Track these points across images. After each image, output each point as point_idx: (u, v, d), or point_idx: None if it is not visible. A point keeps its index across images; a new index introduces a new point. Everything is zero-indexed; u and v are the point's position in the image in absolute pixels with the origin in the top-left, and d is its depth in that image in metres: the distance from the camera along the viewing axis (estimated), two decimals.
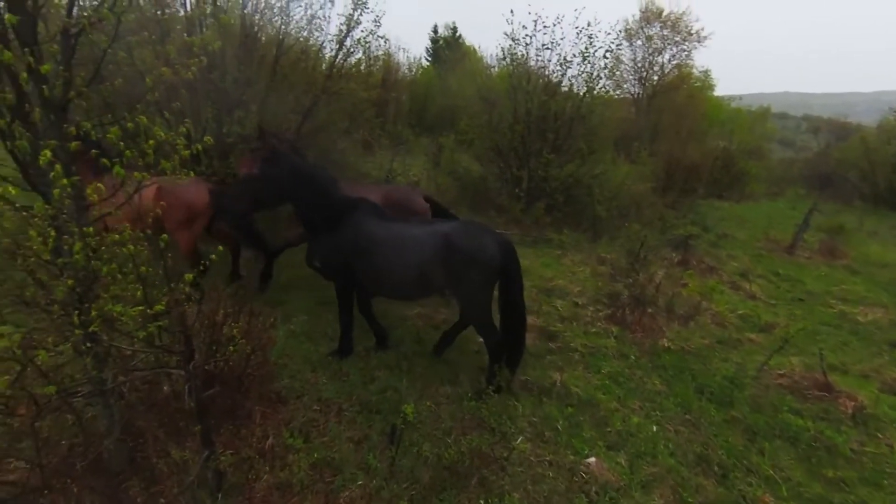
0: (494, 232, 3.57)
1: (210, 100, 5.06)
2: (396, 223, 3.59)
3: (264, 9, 5.73)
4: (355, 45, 6.34)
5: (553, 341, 4.53)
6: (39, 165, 1.55)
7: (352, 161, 7.88)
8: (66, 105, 1.91)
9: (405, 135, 12.15)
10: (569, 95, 8.44)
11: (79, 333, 1.77)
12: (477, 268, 3.33)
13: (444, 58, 21.96)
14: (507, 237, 3.66)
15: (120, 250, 1.75)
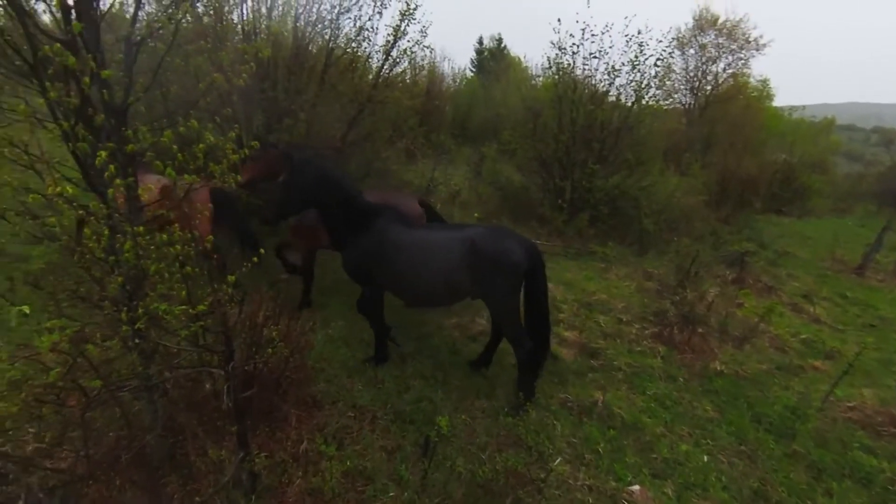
0: (519, 236, 3.52)
1: (261, 108, 5.25)
2: (421, 229, 3.58)
3: (315, 21, 5.91)
4: (401, 56, 6.42)
5: (595, 358, 4.34)
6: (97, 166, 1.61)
7: (394, 170, 7.96)
8: (126, 109, 2.00)
9: (448, 144, 12.21)
10: (616, 105, 8.22)
11: (126, 330, 1.82)
12: (503, 272, 3.29)
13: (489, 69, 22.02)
14: (533, 241, 3.60)
15: (168, 250, 1.79)
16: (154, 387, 2.35)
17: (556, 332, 4.71)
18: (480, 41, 27.01)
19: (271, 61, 5.36)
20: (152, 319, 1.87)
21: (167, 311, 1.79)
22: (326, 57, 5.89)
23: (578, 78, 8.12)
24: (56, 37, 1.79)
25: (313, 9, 5.81)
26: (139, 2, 2.06)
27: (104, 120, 1.83)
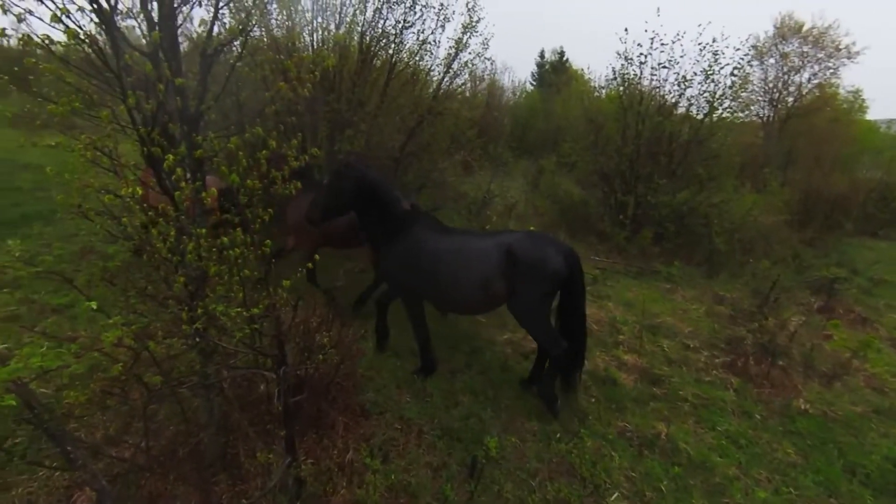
0: (559, 241, 3.45)
1: (326, 119, 5.43)
2: (458, 235, 3.55)
3: (380, 36, 6.07)
4: (462, 68, 6.45)
5: (658, 386, 4.03)
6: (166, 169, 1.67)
7: (451, 181, 7.97)
8: (198, 117, 2.08)
9: (505, 157, 12.11)
10: (686, 117, 7.77)
11: (187, 329, 1.88)
12: (539, 279, 3.24)
13: (549, 81, 21.79)
14: (572, 248, 3.47)
15: (228, 253, 1.83)
16: (211, 385, 2.41)
17: (615, 355, 4.44)
18: (542, 54, 26.91)
19: (337, 75, 5.55)
20: (211, 319, 1.92)
21: (224, 313, 1.83)
22: (389, 70, 6.02)
23: (645, 89, 7.78)
24: (139, 49, 1.91)
25: (378, 24, 5.97)
26: (215, 15, 2.15)
27: (178, 126, 1.91)
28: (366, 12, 5.75)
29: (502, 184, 9.51)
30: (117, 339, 1.60)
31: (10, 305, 3.50)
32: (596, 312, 5.32)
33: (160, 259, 1.86)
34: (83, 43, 1.61)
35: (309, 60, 2.19)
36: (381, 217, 3.57)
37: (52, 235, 4.49)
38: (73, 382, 2.02)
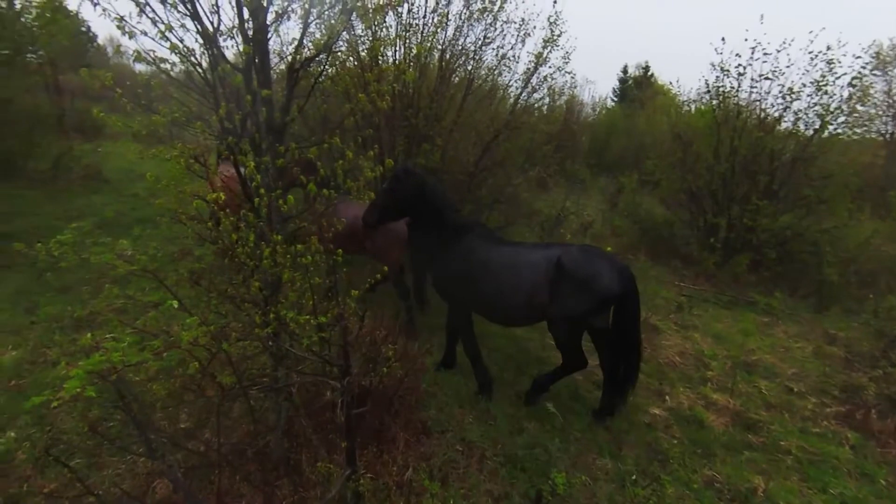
0: (612, 257, 3.32)
1: (403, 134, 5.55)
2: (510, 246, 3.52)
3: (460, 54, 6.14)
4: (541, 82, 6.32)
5: (754, 433, 3.56)
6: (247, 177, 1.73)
7: (525, 197, 7.81)
8: (283, 128, 2.17)
9: (582, 174, 11.72)
10: (792, 133, 7.01)
11: (259, 332, 1.92)
12: (588, 294, 3.12)
13: (633, 97, 20.94)
14: (628, 266, 3.28)
15: (301, 260, 1.85)
16: (280, 389, 2.46)
17: (702, 393, 4.00)
18: (625, 70, 25.99)
19: (416, 91, 5.66)
20: (282, 325, 1.95)
21: (294, 319, 1.85)
22: (467, 86, 6.05)
23: (743, 102, 7.15)
24: (234, 65, 2.03)
25: (459, 42, 6.04)
26: (304, 32, 2.24)
27: (263, 136, 1.99)
28: (447, 30, 5.84)
29: (578, 201, 9.17)
30: (194, 338, 1.67)
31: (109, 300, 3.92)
32: (680, 343, 4.87)
33: (239, 263, 1.93)
34: (185, 58, 1.74)
35: (389, 71, 2.20)
36: (436, 224, 3.58)
37: (155, 238, 4.97)
38: (157, 376, 2.15)
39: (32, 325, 3.84)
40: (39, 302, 4.26)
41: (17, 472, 2.54)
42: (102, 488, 2.38)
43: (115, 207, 7.06)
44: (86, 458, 2.59)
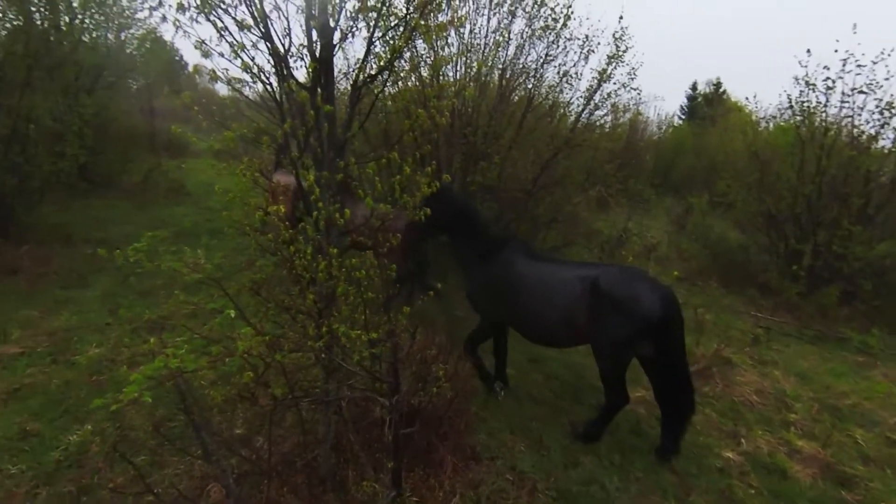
0: (654, 280, 3.14)
1: (461, 151, 5.56)
2: (547, 262, 3.45)
3: (520, 72, 6.11)
4: (604, 100, 6.13)
5: (848, 489, 3.12)
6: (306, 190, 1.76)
7: (584, 217, 7.56)
8: (344, 143, 2.20)
9: (646, 194, 11.23)
10: (891, 151, 6.31)
11: (312, 344, 1.93)
12: (624, 318, 2.94)
13: (702, 114, 19.95)
14: (671, 289, 3.07)
15: (355, 274, 1.85)
16: (330, 402, 2.46)
17: (785, 439, 3.59)
18: (694, 87, 24.92)
19: (475, 110, 5.68)
20: (334, 338, 1.95)
21: (345, 333, 1.85)
22: (527, 104, 5.99)
23: (832, 118, 6.54)
24: (301, 83, 2.10)
25: (519, 60, 6.01)
26: (368, 50, 2.29)
27: (325, 151, 2.03)
28: (508, 48, 5.84)
29: (641, 222, 8.77)
30: (248, 347, 1.70)
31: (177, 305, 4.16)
32: (757, 380, 4.43)
33: (296, 275, 1.96)
34: (255, 76, 1.82)
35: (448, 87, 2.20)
36: (470, 238, 3.57)
37: (223, 248, 5.27)
38: (217, 381, 2.22)
39: (108, 326, 4.15)
40: (122, 304, 4.62)
41: (90, 463, 2.71)
42: (162, 487, 2.47)
43: (193, 218, 7.59)
44: (149, 455, 2.72)
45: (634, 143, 12.47)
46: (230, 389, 2.01)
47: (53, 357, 3.73)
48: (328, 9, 1.86)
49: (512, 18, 5.67)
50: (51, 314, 4.36)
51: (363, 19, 1.97)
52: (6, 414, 3.08)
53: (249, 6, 2.06)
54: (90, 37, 7.32)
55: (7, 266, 5.12)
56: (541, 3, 5.67)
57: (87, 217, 7.00)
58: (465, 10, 5.46)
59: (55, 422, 3.04)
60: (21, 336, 3.95)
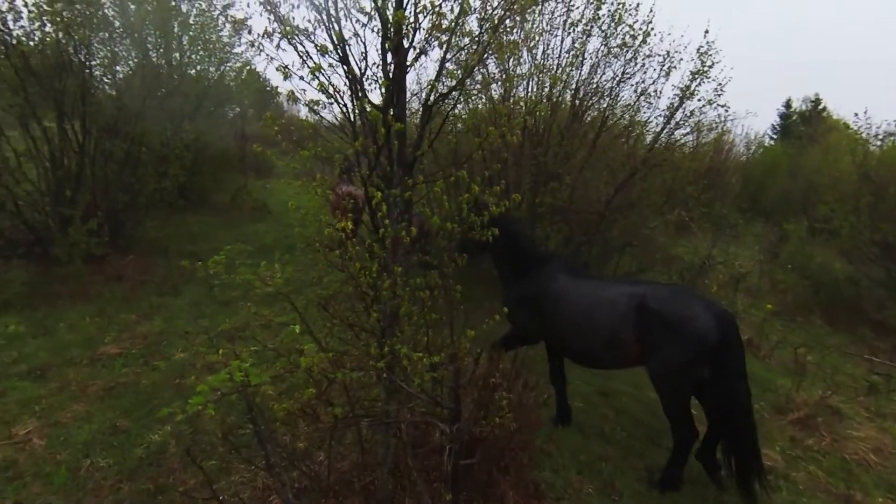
0: (708, 300, 2.93)
1: (530, 172, 5.45)
2: (589, 280, 3.35)
3: (594, 92, 5.92)
4: (686, 118, 5.76)
5: None
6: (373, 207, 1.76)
7: (662, 241, 7.08)
8: (413, 162, 2.20)
9: (732, 218, 10.37)
10: None
11: (374, 364, 1.90)
12: (679, 341, 2.73)
13: (798, 133, 18.29)
14: (728, 310, 2.86)
15: (419, 294, 1.80)
16: (390, 424, 2.41)
17: None
18: (787, 104, 23.03)
19: (546, 129, 5.57)
20: (396, 359, 1.91)
21: (406, 355, 1.80)
22: (601, 124, 5.78)
23: None
24: (375, 105, 2.14)
25: (594, 79, 5.84)
26: (440, 71, 2.29)
27: (394, 169, 2.03)
28: (581, 68, 5.69)
29: (727, 250, 8.05)
30: (312, 363, 1.70)
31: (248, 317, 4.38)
32: (875, 437, 3.80)
33: (361, 292, 1.96)
34: (331, 96, 1.87)
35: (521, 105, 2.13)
36: (513, 255, 3.48)
37: (297, 263, 5.51)
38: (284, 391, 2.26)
39: (190, 334, 4.44)
40: (205, 312, 4.96)
41: (167, 463, 2.86)
42: (227, 494, 2.54)
43: (273, 235, 8.09)
44: (219, 461, 2.82)
45: (719, 163, 11.62)
46: (293, 404, 2.03)
47: (145, 359, 4.05)
48: (403, 29, 1.89)
49: (587, 37, 5.53)
50: (146, 319, 4.77)
51: (436, 39, 1.98)
52: (102, 409, 3.36)
53: (329, 32, 2.15)
54: (195, 70, 8.16)
55: (114, 273, 5.71)
56: (618, 20, 5.50)
57: (183, 232, 7.69)
58: (538, 28, 5.41)
59: (141, 420, 3.26)
60: (119, 338, 4.34)
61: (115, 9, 6.17)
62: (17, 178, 5.36)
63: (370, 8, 2.01)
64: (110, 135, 5.98)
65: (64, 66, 5.42)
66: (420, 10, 1.88)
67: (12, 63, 5.03)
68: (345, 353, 2.11)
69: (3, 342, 4.12)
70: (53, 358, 3.94)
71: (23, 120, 5.34)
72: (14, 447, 2.95)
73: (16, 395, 3.45)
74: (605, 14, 5.44)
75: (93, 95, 5.80)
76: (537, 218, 5.50)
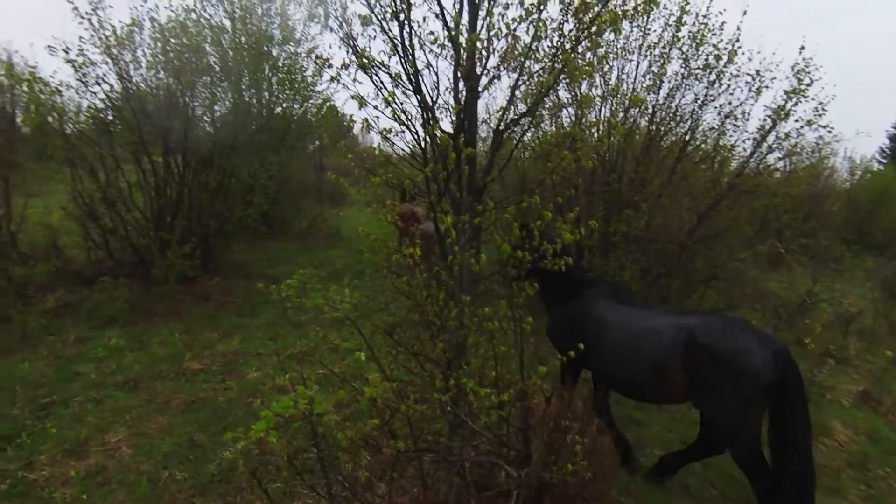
0: (763, 333, 2.68)
1: (603, 199, 5.22)
2: (634, 308, 3.13)
3: (673, 115, 5.62)
4: (780, 140, 5.27)
5: None
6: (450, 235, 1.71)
7: (753, 275, 6.45)
8: (483, 188, 2.15)
9: (835, 251, 9.27)
10: None
11: (438, 397, 1.82)
12: (731, 377, 2.49)
13: None
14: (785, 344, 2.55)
15: (488, 324, 1.71)
16: (454, 461, 2.30)
17: None
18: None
19: (620, 154, 5.34)
20: (461, 392, 1.81)
21: (473, 389, 1.70)
22: (680, 149, 5.44)
23: None
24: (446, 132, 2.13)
25: (672, 104, 5.55)
26: (512, 97, 2.25)
27: (464, 195, 1.99)
28: (658, 92, 5.44)
29: (832, 286, 7.15)
30: (375, 393, 1.65)
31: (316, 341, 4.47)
32: None
33: (428, 320, 1.90)
34: (403, 123, 1.89)
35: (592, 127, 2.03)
36: (558, 277, 3.24)
37: (366, 288, 5.63)
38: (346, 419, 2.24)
39: (262, 355, 4.62)
40: (279, 333, 5.18)
41: (236, 481, 2.93)
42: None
43: (344, 260, 8.40)
44: (283, 484, 2.84)
45: (818, 190, 10.55)
46: (356, 433, 1.99)
47: (223, 376, 4.27)
48: (476, 54, 1.88)
49: (665, 61, 5.29)
50: (226, 337, 5.07)
51: (510, 63, 1.94)
52: (182, 423, 3.55)
53: (404, 63, 2.20)
54: (282, 108, 8.87)
55: (202, 293, 6.17)
56: (700, 41, 5.23)
57: (264, 256, 8.21)
58: (611, 51, 5.27)
59: (216, 436, 3.39)
60: (202, 355, 4.63)
61: (216, 56, 6.89)
62: (129, 206, 6.03)
63: (443, 37, 2.03)
64: (206, 167, 6.59)
65: (172, 107, 6.10)
66: (494, 33, 1.87)
67: (131, 106, 5.74)
68: (409, 383, 2.05)
69: (105, 354, 4.54)
70: (145, 371, 4.26)
71: (136, 155, 6.05)
72: (105, 453, 3.17)
73: (111, 403, 3.75)
74: (686, 35, 5.19)
75: (194, 132, 6.45)
76: (610, 247, 5.23)
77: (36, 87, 5.41)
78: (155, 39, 6.03)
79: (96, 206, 5.82)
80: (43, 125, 5.81)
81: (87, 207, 5.79)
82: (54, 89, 5.48)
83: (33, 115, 5.64)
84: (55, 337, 4.80)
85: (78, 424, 3.46)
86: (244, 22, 7.86)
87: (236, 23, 7.81)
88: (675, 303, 5.42)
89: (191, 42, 6.22)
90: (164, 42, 6.01)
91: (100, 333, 4.95)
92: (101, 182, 5.75)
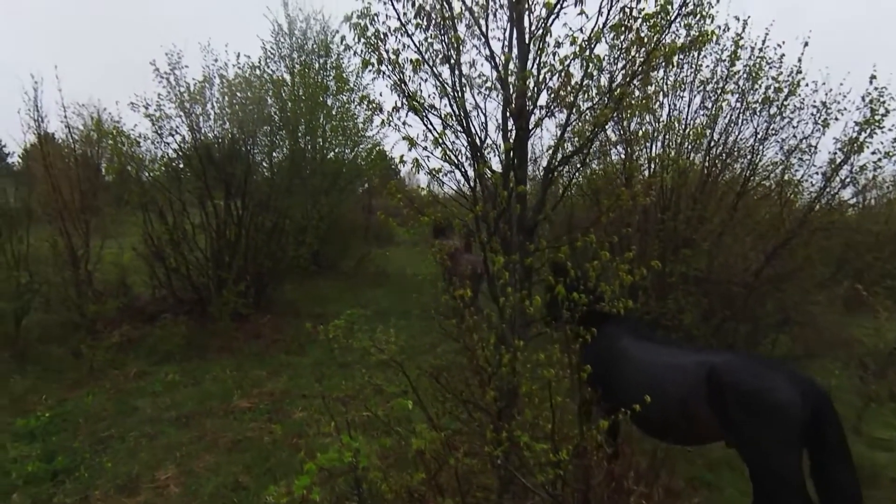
0: (792, 370, 2.50)
1: (658, 238, 4.97)
2: (657, 345, 2.99)
3: (731, 151, 5.38)
4: (855, 175, 4.89)
5: None
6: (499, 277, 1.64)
7: (831, 320, 5.85)
8: (534, 226, 2.08)
9: None
10: None
11: (489, 450, 1.69)
12: (762, 416, 2.34)
13: None
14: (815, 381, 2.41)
15: (541, 372, 1.59)
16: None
17: None
18: None
19: (675, 192, 5.12)
20: (513, 446, 1.68)
21: (527, 445, 1.56)
22: (741, 185, 5.16)
23: None
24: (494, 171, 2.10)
25: (730, 139, 5.32)
26: (562, 136, 2.20)
27: (514, 234, 1.92)
28: (715, 127, 5.24)
29: None
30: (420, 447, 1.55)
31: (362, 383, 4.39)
32: None
33: (477, 366, 1.80)
34: (452, 163, 1.87)
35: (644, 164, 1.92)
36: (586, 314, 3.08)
37: (412, 329, 5.57)
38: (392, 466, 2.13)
39: (307, 397, 4.59)
40: (325, 373, 5.17)
41: None
42: None
43: (390, 300, 8.42)
44: None
45: None
46: (401, 487, 1.88)
47: (269, 415, 4.27)
48: (527, 92, 1.87)
49: (720, 95, 5.12)
50: (274, 376, 5.12)
51: (562, 100, 1.91)
52: (228, 463, 3.54)
53: (453, 104, 2.21)
54: (334, 153, 9.32)
55: (254, 331, 6.33)
56: (756, 76, 5.04)
57: (313, 295, 8.39)
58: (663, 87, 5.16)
59: (261, 478, 3.34)
60: (251, 393, 4.67)
61: (276, 107, 7.39)
62: (191, 247, 6.40)
63: (493, 78, 2.04)
64: (263, 209, 6.94)
65: (234, 154, 6.53)
66: (547, 71, 1.85)
67: (199, 154, 6.20)
68: (457, 432, 1.93)
69: (161, 389, 4.68)
70: (197, 407, 4.34)
71: (201, 200, 6.47)
72: (155, 491, 3.19)
73: (164, 440, 3.82)
74: (741, 70, 5.03)
75: (253, 177, 6.85)
76: (667, 288, 4.92)
77: (119, 140, 5.98)
78: (223, 94, 6.56)
79: (163, 247, 6.23)
80: (123, 173, 6.38)
81: (155, 248, 6.20)
82: (134, 141, 6.03)
83: (115, 165, 6.22)
84: (118, 371, 5.03)
85: (131, 460, 3.52)
86: (302, 76, 8.46)
87: (295, 76, 8.41)
88: (744, 349, 4.97)
89: (254, 95, 6.72)
90: (230, 96, 6.53)
91: (158, 368, 5.14)
92: (168, 224, 6.17)
